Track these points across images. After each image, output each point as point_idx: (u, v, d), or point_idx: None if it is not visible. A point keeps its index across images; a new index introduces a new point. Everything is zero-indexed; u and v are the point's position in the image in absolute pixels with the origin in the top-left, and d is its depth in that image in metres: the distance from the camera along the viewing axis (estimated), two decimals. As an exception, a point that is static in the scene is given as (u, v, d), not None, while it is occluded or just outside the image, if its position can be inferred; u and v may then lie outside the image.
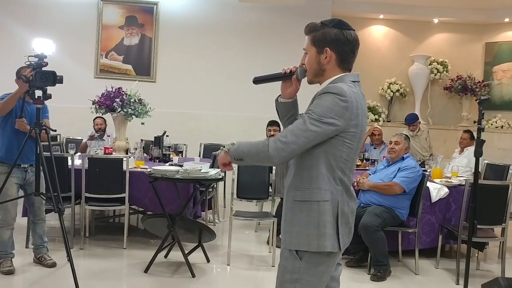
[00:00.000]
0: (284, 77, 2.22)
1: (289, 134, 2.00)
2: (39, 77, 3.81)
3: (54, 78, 3.82)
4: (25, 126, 4.10)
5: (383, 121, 8.89)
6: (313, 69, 2.14)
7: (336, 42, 2.08)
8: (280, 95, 2.26)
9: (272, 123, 6.22)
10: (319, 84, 2.17)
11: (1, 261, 4.28)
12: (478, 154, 3.62)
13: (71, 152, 5.32)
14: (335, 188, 2.05)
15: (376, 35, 9.31)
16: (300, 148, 2.01)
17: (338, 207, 2.05)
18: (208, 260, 4.86)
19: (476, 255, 5.18)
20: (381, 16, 9.14)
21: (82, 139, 6.69)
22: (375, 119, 8.77)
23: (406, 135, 5.13)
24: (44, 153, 3.91)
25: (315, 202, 2.04)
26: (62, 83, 3.89)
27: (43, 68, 3.85)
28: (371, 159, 6.52)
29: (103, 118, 6.68)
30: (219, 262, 4.91)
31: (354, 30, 2.13)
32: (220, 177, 4.66)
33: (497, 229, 4.98)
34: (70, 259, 3.85)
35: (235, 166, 4.95)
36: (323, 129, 1.98)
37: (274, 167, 5.04)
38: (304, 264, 2.06)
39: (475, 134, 6.74)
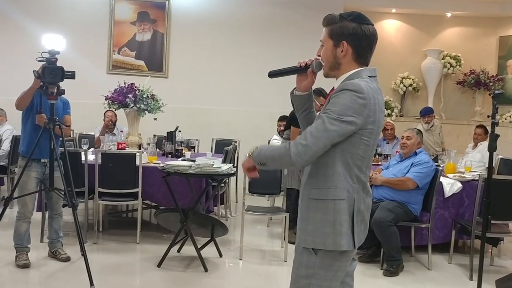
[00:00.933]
0: (300, 70, 2.20)
1: (309, 137, 1.97)
2: (48, 73, 3.85)
3: (62, 74, 3.86)
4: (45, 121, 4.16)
5: (396, 116, 8.85)
6: (329, 62, 2.12)
7: (353, 36, 2.06)
8: (295, 88, 2.25)
9: (282, 119, 6.22)
10: (336, 79, 2.16)
11: (17, 254, 4.33)
12: (492, 148, 3.59)
13: (85, 147, 5.36)
14: (352, 186, 2.04)
15: (388, 30, 9.25)
16: (322, 149, 1.99)
17: (354, 205, 2.04)
18: (220, 255, 4.88)
19: (490, 250, 5.14)
20: (394, 10, 9.07)
21: (94, 135, 6.74)
22: (388, 114, 8.73)
23: (419, 130, 5.10)
24: (61, 148, 3.95)
25: (331, 201, 2.03)
26: (74, 78, 3.92)
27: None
28: (384, 154, 6.49)
29: (114, 111, 6.72)
30: (231, 256, 4.93)
31: (373, 25, 2.10)
32: (232, 172, 4.67)
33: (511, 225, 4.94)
34: (84, 254, 3.89)
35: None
36: (342, 128, 1.95)
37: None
38: (320, 259, 2.06)
39: (488, 129, 6.73)
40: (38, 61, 3.93)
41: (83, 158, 5.06)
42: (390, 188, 4.78)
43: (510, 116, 8.77)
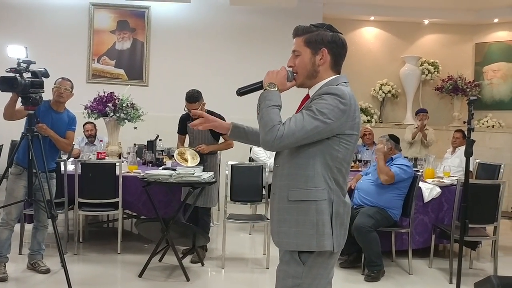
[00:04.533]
0: None
1: (286, 129, 1.99)
2: (1, 82, 3.87)
3: (13, 83, 3.85)
4: (45, 131, 4.20)
5: (376, 122, 8.92)
6: (307, 70, 2.14)
7: (333, 44, 2.12)
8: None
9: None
10: (308, 89, 2.18)
11: (-6, 267, 4.27)
12: (468, 154, 3.66)
13: (64, 157, 5.31)
14: (331, 188, 2.06)
15: (367, 37, 9.34)
16: (293, 144, 2.01)
17: (333, 207, 2.06)
18: (202, 264, 4.86)
19: (469, 254, 5.20)
20: (372, 18, 9.17)
21: (74, 145, 6.67)
22: (368, 120, 8.80)
23: (390, 136, 5.05)
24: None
25: (312, 202, 2.05)
26: (42, 87, 4.01)
27: (25, 73, 3.94)
28: (364, 160, 6.55)
29: (93, 123, 6.69)
30: (213, 265, 4.92)
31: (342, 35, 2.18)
32: (214, 180, 4.67)
33: (489, 228, 5.01)
34: (64, 265, 3.85)
35: (228, 170, 4.99)
36: (318, 127, 1.98)
37: (267, 170, 5.05)
38: (307, 268, 2.07)
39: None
40: (7, 71, 3.92)
41: (62, 168, 5.01)
42: (371, 194, 4.82)
43: (487, 121, 8.91)
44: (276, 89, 2.10)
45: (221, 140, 5.19)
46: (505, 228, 6.30)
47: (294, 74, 2.17)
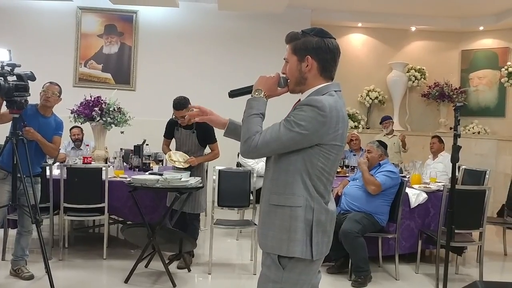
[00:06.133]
0: None
1: (261, 139, 2.02)
2: None
3: None
4: (32, 135, 4.13)
5: (363, 128, 8.97)
6: (295, 77, 2.15)
7: (317, 50, 2.10)
8: None
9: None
10: (301, 94, 2.18)
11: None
12: (454, 160, 3.69)
13: (49, 161, 5.25)
14: (311, 195, 2.06)
15: (354, 43, 9.40)
16: (269, 153, 2.09)
17: (314, 215, 2.06)
18: (189, 270, 4.83)
19: (455, 259, 5.23)
20: (360, 25, 9.23)
21: (60, 149, 6.61)
22: (355, 126, 8.84)
23: (380, 143, 5.12)
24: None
25: (288, 207, 2.07)
26: (26, 91, 3.95)
27: (10, 77, 3.89)
28: (351, 166, 6.57)
29: (80, 127, 6.64)
30: (200, 271, 4.89)
31: (335, 39, 2.15)
32: (201, 185, 4.65)
33: (475, 233, 5.05)
34: (48, 271, 3.80)
35: (215, 175, 4.97)
36: (293, 138, 2.00)
37: (255, 176, 5.04)
38: (287, 273, 2.07)
39: (443, 139, 6.95)
40: None
41: (48, 172, 4.96)
42: (358, 199, 4.83)
43: (473, 128, 8.99)
44: (262, 95, 2.11)
45: (208, 150, 5.20)
46: (490, 233, 6.35)
47: (288, 81, 2.18)
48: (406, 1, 8.17)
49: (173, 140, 5.29)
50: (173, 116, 5.04)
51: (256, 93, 2.13)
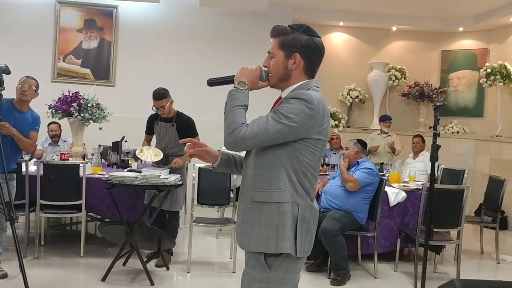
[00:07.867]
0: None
1: (249, 131, 1.98)
2: None
3: None
4: (7, 130, 4.04)
5: (343, 126, 9.00)
6: (279, 73, 2.11)
7: (306, 48, 2.08)
8: None
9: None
10: (281, 91, 2.16)
11: None
12: (433, 159, 3.70)
13: (26, 157, 5.15)
14: (297, 191, 2.04)
15: (336, 42, 9.42)
16: (256, 146, 2.03)
17: (299, 211, 2.04)
18: (167, 268, 4.78)
19: (434, 258, 5.27)
20: (341, 24, 9.26)
21: (37, 145, 6.50)
22: (335, 125, 8.87)
23: (358, 140, 5.10)
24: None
25: (275, 204, 2.03)
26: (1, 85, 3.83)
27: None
28: (331, 164, 6.58)
29: (58, 123, 6.55)
30: (179, 269, 4.84)
31: (320, 38, 2.14)
32: (180, 183, 4.60)
33: (453, 232, 5.09)
34: (22, 269, 3.71)
35: (195, 173, 4.92)
36: (281, 130, 1.97)
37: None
38: (273, 273, 2.05)
39: (425, 138, 7.00)
40: None
41: (24, 169, 4.86)
42: (338, 197, 4.83)
43: (452, 127, 9.09)
44: (245, 87, 2.07)
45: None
46: (468, 232, 6.42)
47: (269, 75, 2.14)
48: (387, 1, 8.23)
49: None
50: (153, 107, 4.98)
51: (240, 85, 2.08)
